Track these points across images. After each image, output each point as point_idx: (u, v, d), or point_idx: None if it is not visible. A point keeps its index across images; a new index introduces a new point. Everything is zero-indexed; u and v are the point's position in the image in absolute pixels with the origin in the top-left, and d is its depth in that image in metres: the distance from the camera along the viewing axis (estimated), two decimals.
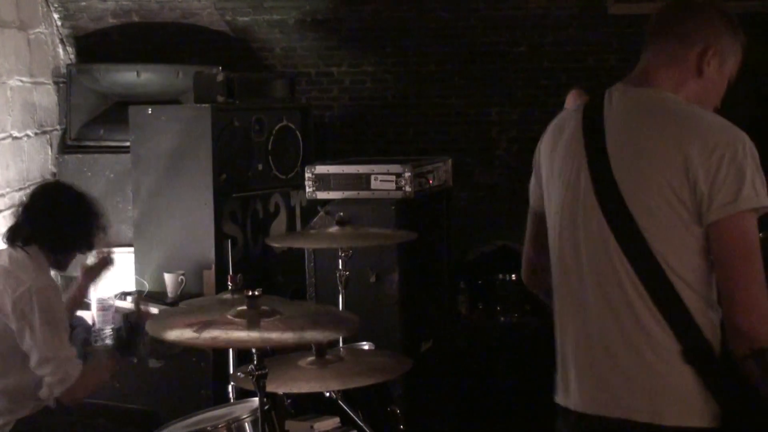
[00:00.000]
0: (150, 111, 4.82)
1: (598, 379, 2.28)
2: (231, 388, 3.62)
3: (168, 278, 4.67)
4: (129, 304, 4.63)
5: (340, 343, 3.76)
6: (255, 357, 2.73)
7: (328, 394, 3.32)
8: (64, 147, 5.39)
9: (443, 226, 4.94)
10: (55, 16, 5.58)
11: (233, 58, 5.71)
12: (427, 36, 5.82)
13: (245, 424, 3.05)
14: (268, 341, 2.52)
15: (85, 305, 4.60)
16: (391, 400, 3.66)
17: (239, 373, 3.14)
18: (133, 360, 4.32)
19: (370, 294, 4.40)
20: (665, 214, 2.17)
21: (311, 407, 3.36)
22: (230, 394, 3.63)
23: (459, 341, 5.12)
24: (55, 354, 3.45)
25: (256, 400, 2.86)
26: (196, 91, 4.87)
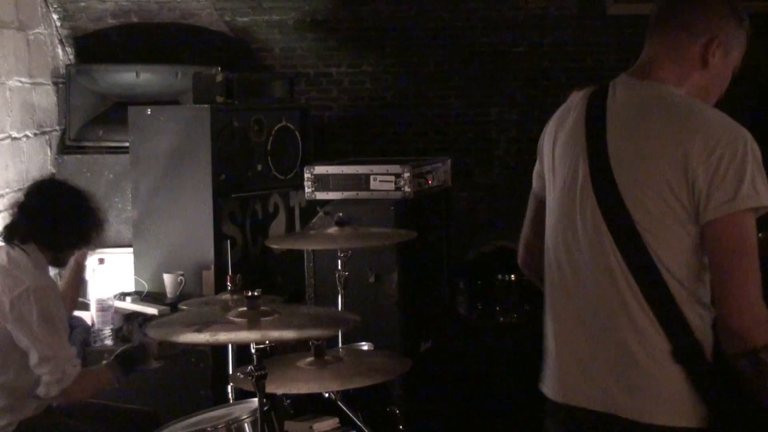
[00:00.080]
0: (149, 111, 4.82)
1: (587, 372, 2.27)
2: (230, 388, 3.63)
3: (167, 279, 4.67)
4: (129, 305, 4.63)
5: (339, 344, 3.77)
6: (254, 358, 2.73)
7: (327, 394, 3.32)
8: (64, 147, 5.38)
9: (442, 226, 4.94)
10: (55, 16, 5.57)
11: (232, 59, 5.70)
12: (426, 36, 5.82)
13: (245, 425, 3.05)
14: (267, 336, 2.55)
15: (85, 305, 4.61)
16: (390, 400, 3.66)
17: (239, 374, 3.14)
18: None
19: (370, 294, 4.40)
20: (661, 211, 2.15)
21: (310, 408, 3.36)
22: (230, 395, 3.63)
23: (458, 341, 5.12)
24: (55, 353, 3.44)
25: (255, 401, 2.87)
26: (196, 92, 4.87)
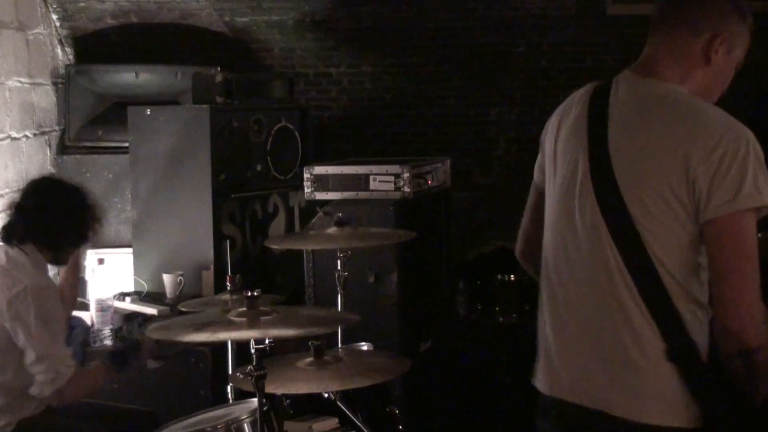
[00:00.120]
0: (149, 112, 4.82)
1: (579, 368, 2.26)
2: (230, 388, 3.63)
3: (167, 279, 4.67)
4: (129, 305, 4.63)
5: (339, 344, 3.77)
6: (254, 358, 2.73)
7: (326, 394, 3.31)
8: (63, 148, 5.38)
9: (442, 226, 4.94)
10: (54, 16, 5.57)
11: (232, 59, 5.70)
12: (425, 37, 5.82)
13: (244, 425, 3.05)
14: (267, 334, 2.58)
15: (84, 306, 4.61)
16: (390, 400, 3.65)
17: (238, 374, 3.14)
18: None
19: (369, 294, 4.40)
20: (660, 210, 2.14)
21: (310, 408, 3.36)
22: (229, 395, 3.63)
23: (458, 341, 5.11)
24: (50, 353, 3.44)
25: (255, 401, 2.87)
26: (195, 92, 4.87)
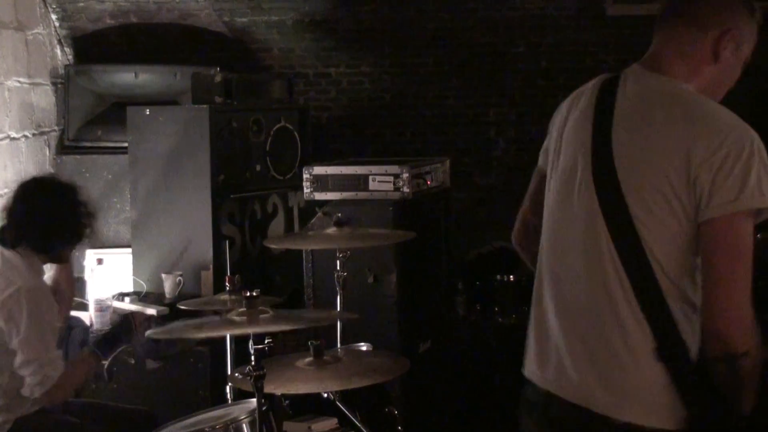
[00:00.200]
0: (148, 112, 4.81)
1: (568, 362, 2.25)
2: (229, 388, 3.63)
3: (166, 279, 4.67)
4: (128, 305, 4.63)
5: (338, 344, 3.77)
6: (253, 358, 2.73)
7: (326, 394, 3.32)
8: (62, 148, 5.38)
9: (441, 226, 4.94)
10: (53, 16, 5.57)
11: (231, 59, 5.70)
12: (425, 37, 5.82)
13: (243, 425, 3.05)
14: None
15: (83, 306, 4.61)
16: (389, 400, 3.66)
17: (237, 374, 3.14)
18: (130, 362, 4.33)
19: (368, 295, 4.40)
20: (659, 207, 2.12)
21: (309, 408, 3.36)
22: (228, 395, 3.63)
23: (457, 342, 5.11)
24: (38, 356, 3.44)
25: (254, 401, 2.87)
26: (194, 92, 4.87)
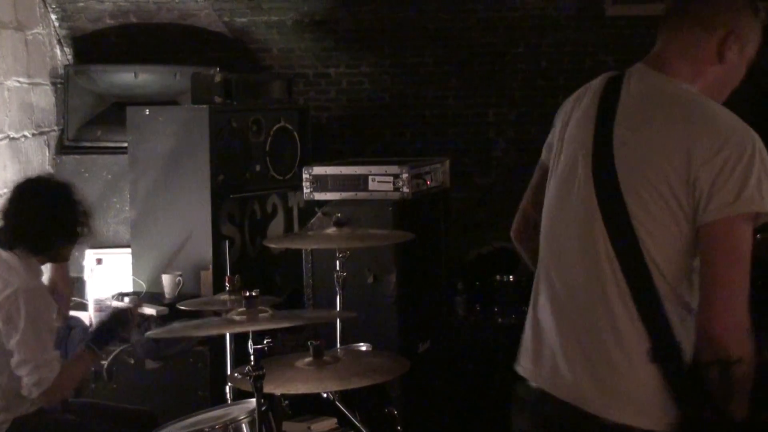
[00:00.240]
0: (147, 112, 4.81)
1: (562, 360, 2.24)
2: (228, 389, 3.63)
3: (165, 279, 4.67)
4: (125, 305, 4.63)
5: (338, 344, 3.77)
6: (252, 358, 2.74)
7: (325, 395, 3.32)
8: (62, 148, 5.38)
9: (441, 227, 4.94)
10: (53, 16, 5.57)
11: (231, 59, 5.70)
12: (424, 37, 5.82)
13: (243, 425, 3.05)
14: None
15: (83, 306, 4.61)
16: (389, 401, 3.66)
17: (237, 374, 3.14)
18: (130, 361, 4.34)
19: (368, 295, 4.40)
20: (658, 207, 2.11)
21: (308, 408, 3.36)
22: (228, 395, 3.63)
23: (456, 342, 5.11)
24: (34, 357, 3.44)
25: (253, 401, 2.87)
26: (194, 92, 4.87)
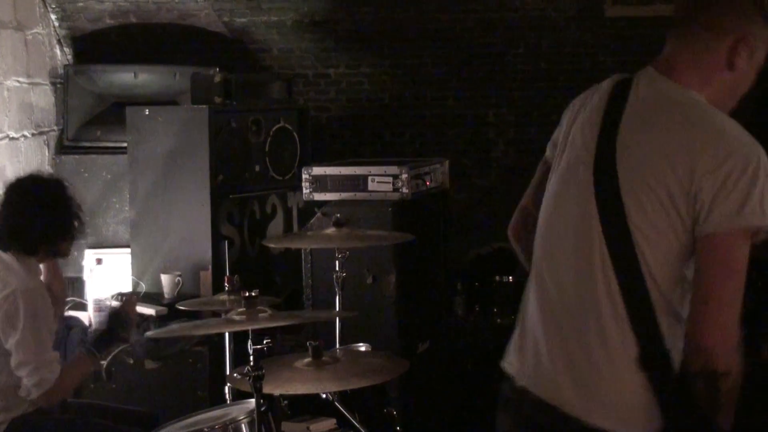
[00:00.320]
0: (147, 112, 4.82)
1: (546, 361, 2.23)
2: (228, 389, 3.63)
3: (165, 279, 4.67)
4: (120, 303, 4.63)
5: (337, 345, 3.77)
6: (252, 358, 2.74)
7: (324, 395, 3.32)
8: (61, 147, 5.38)
9: (440, 227, 4.94)
10: (53, 16, 5.57)
11: (231, 60, 5.70)
12: (424, 38, 5.82)
13: (242, 425, 3.05)
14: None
15: (82, 306, 4.61)
16: (388, 401, 3.66)
17: (236, 375, 3.15)
18: (129, 361, 4.34)
19: (367, 295, 4.40)
20: (657, 214, 2.10)
21: (308, 408, 3.36)
22: (227, 396, 3.63)
23: (456, 343, 5.12)
24: (34, 357, 3.44)
25: (252, 402, 2.87)
26: (194, 92, 4.87)
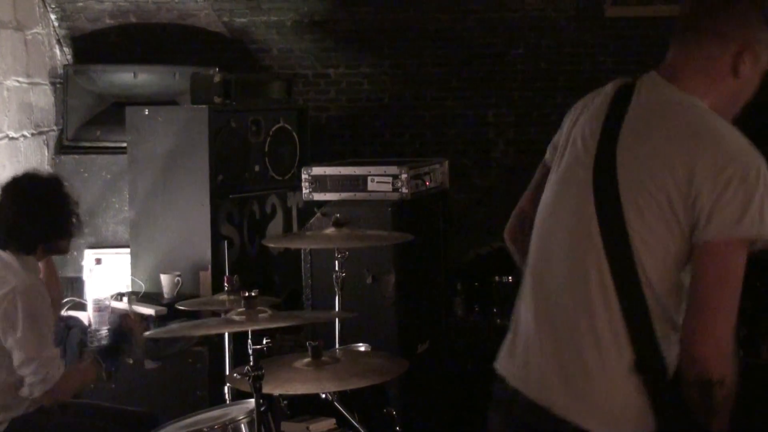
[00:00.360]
0: (147, 112, 4.82)
1: (538, 362, 2.22)
2: (227, 389, 3.63)
3: (164, 279, 4.67)
4: (124, 305, 4.63)
5: (336, 345, 3.77)
6: (251, 358, 2.74)
7: (324, 395, 3.32)
8: (61, 147, 5.38)
9: (440, 227, 4.94)
10: (52, 16, 5.57)
11: (230, 60, 5.70)
12: (424, 38, 5.82)
13: (242, 426, 3.05)
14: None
15: (81, 306, 4.61)
16: (387, 401, 3.66)
17: (235, 375, 3.14)
18: (128, 362, 4.34)
19: (367, 295, 4.40)
20: (655, 218, 2.10)
21: (307, 409, 3.36)
22: (226, 396, 3.63)
23: (455, 343, 5.11)
24: (38, 354, 3.45)
25: (252, 402, 2.87)
26: (193, 92, 4.87)
